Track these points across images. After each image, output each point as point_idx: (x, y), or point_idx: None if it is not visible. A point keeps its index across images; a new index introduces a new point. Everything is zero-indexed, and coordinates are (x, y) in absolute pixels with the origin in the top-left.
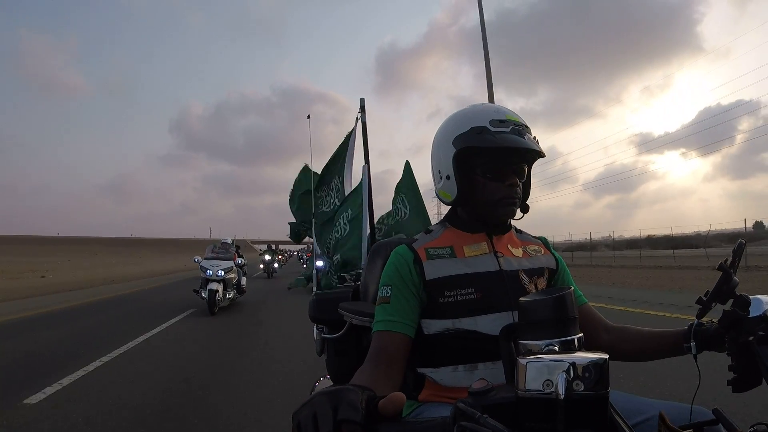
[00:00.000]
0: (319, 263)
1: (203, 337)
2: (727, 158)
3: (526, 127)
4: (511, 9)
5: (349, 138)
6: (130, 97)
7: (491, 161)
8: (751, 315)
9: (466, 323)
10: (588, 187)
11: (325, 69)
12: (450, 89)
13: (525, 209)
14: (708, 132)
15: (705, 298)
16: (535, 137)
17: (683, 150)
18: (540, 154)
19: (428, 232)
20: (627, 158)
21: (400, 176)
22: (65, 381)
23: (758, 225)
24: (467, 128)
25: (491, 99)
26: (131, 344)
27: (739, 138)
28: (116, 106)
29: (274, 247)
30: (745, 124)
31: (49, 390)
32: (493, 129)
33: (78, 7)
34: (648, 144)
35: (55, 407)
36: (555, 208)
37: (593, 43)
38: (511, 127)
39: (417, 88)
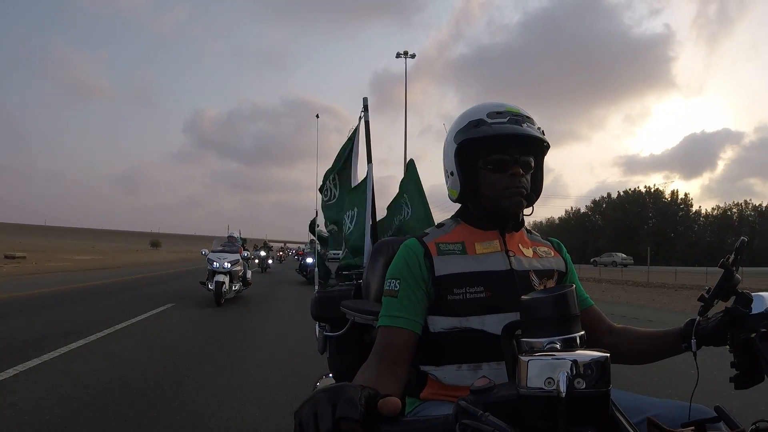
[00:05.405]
0: (309, 260)
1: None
2: (712, 182)
3: (528, 117)
4: (488, 45)
5: (354, 136)
6: (152, 101)
7: (491, 152)
8: (753, 312)
9: (474, 322)
10: (580, 203)
11: (328, 87)
12: (438, 110)
13: (533, 201)
14: (691, 157)
15: (707, 296)
16: (539, 128)
17: (667, 173)
18: (543, 143)
19: (440, 226)
20: (615, 178)
21: (398, 181)
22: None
23: None
24: (465, 123)
25: None
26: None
27: (720, 163)
28: (137, 109)
29: (270, 244)
30: (729, 152)
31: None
32: (489, 120)
33: (113, 29)
34: (635, 166)
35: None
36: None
37: (568, 78)
38: (509, 117)
39: (409, 109)
